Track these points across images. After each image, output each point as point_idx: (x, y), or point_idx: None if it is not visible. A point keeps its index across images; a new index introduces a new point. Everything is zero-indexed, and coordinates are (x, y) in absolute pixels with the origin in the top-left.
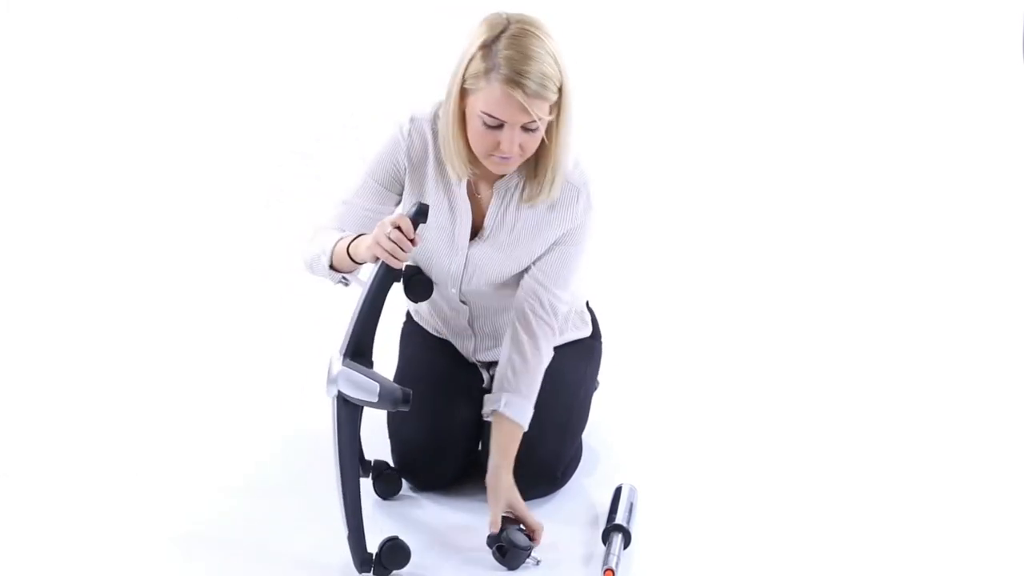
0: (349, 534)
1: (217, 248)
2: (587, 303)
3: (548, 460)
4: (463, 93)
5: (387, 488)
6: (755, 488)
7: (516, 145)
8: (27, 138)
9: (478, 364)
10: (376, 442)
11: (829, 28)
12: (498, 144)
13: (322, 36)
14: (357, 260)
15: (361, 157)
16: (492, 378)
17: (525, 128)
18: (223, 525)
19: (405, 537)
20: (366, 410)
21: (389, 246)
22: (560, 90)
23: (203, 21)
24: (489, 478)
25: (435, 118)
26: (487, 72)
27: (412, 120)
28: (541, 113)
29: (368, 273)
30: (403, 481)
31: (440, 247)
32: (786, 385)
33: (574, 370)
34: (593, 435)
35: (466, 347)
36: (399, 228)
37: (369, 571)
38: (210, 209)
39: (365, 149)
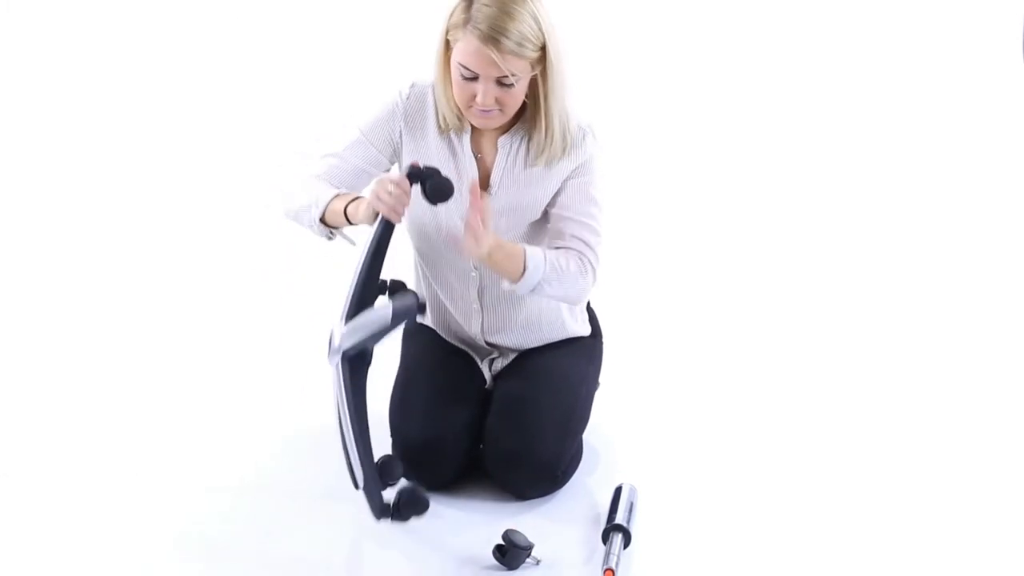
0: (365, 484)
1: (217, 248)
2: (588, 303)
3: (548, 459)
4: (447, 45)
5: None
6: (755, 488)
7: (491, 98)
8: (27, 138)
9: (479, 362)
10: (374, 440)
11: (829, 28)
12: (474, 96)
13: (323, 37)
14: (353, 221)
15: (355, 120)
16: (494, 377)
17: (500, 83)
18: (222, 526)
19: (405, 536)
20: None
21: (390, 200)
22: (543, 49)
23: (204, 22)
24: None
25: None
26: (464, 24)
27: (413, 86)
28: (514, 69)
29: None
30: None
31: (449, 205)
32: (786, 385)
33: (575, 370)
34: (594, 435)
35: (473, 326)
36: (397, 185)
37: (388, 518)
38: (210, 210)
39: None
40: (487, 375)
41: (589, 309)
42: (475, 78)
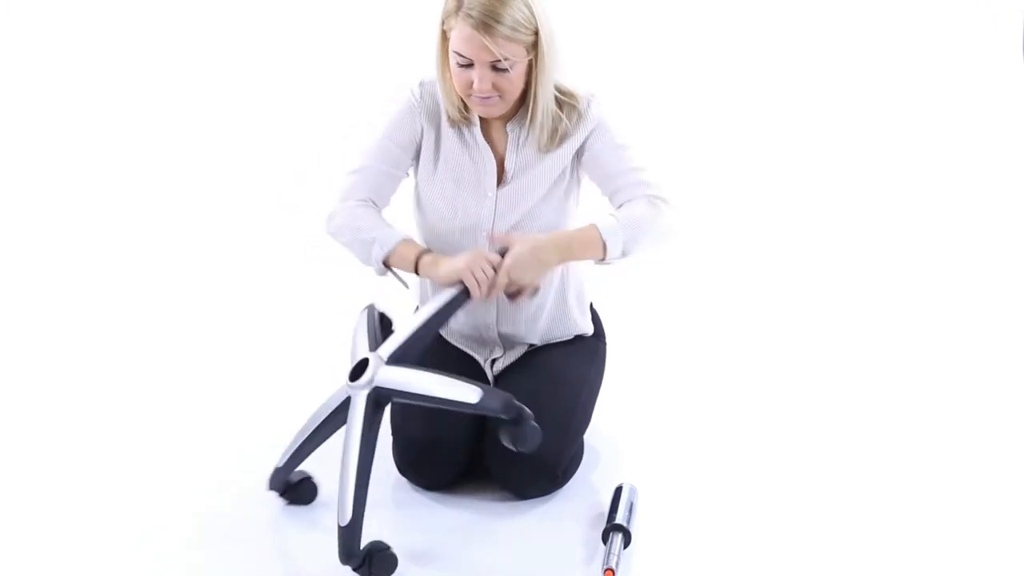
0: (348, 526)
1: (218, 249)
2: (591, 304)
3: (549, 459)
4: (444, 36)
5: (297, 497)
6: (755, 488)
7: (488, 84)
8: (28, 138)
9: (481, 363)
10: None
11: (830, 28)
12: (472, 83)
13: (325, 39)
14: (425, 276)
15: (369, 124)
16: (496, 377)
17: (495, 68)
18: (223, 526)
19: (405, 536)
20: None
21: (484, 280)
22: (536, 34)
23: (208, 25)
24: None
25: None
26: (457, 11)
27: (422, 84)
28: (508, 53)
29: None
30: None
31: (466, 195)
32: (787, 386)
33: (577, 370)
34: (594, 435)
35: (489, 315)
36: (493, 267)
37: (354, 567)
38: (211, 211)
39: (373, 117)
40: (489, 375)
41: (592, 310)
42: (470, 65)
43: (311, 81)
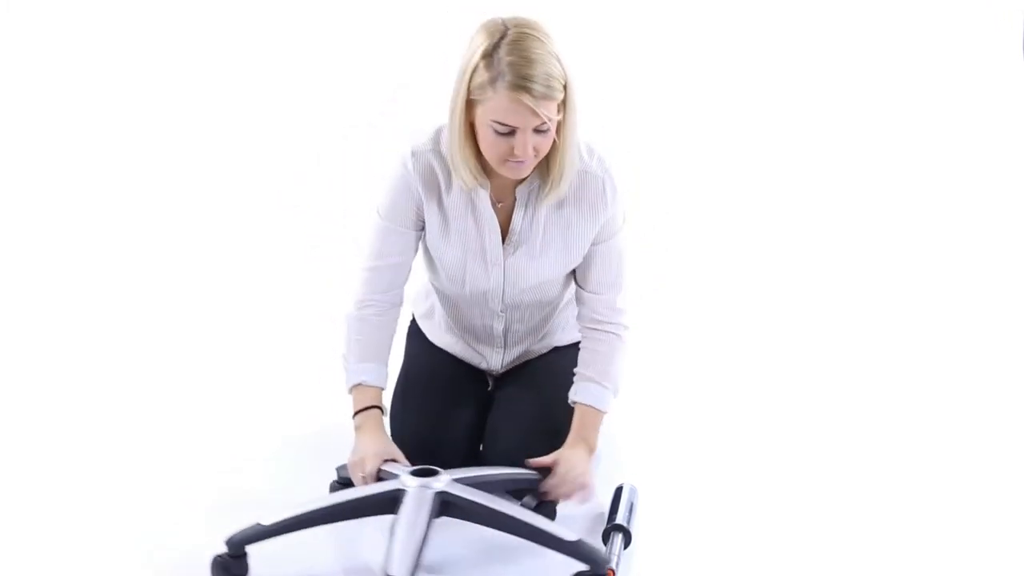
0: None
1: (218, 249)
2: None
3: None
4: (469, 105)
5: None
6: (755, 488)
7: (530, 148)
8: (27, 138)
9: (483, 366)
10: None
11: (830, 28)
12: (512, 150)
13: (325, 39)
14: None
15: (375, 209)
16: (496, 380)
17: (536, 130)
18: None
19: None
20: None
21: (358, 480)
22: (565, 88)
23: (208, 25)
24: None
25: (436, 141)
26: (492, 81)
27: (413, 154)
28: (550, 114)
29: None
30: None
31: (474, 264)
32: (787, 385)
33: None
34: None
35: (493, 359)
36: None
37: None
38: (211, 211)
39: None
40: (488, 378)
41: None
42: (511, 132)
43: (311, 81)
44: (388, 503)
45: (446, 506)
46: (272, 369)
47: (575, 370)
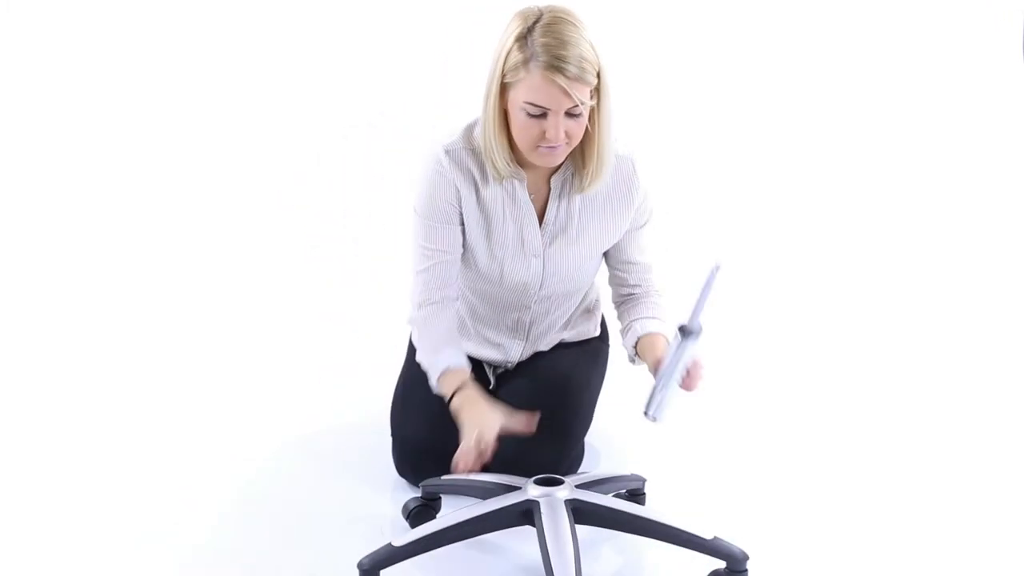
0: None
1: (218, 249)
2: (599, 303)
3: (549, 463)
4: (503, 89)
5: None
6: (757, 488)
7: (561, 132)
8: (27, 138)
9: (485, 365)
10: (376, 440)
11: (830, 28)
12: (543, 134)
13: (325, 39)
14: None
15: (413, 209)
16: (497, 379)
17: (569, 114)
18: (221, 529)
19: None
20: (359, 400)
21: (467, 463)
22: (599, 75)
23: (207, 25)
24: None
25: (468, 139)
26: (526, 62)
27: (447, 152)
28: (583, 97)
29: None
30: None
31: (514, 257)
32: (789, 385)
33: (579, 372)
34: (595, 433)
35: (513, 351)
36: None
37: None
38: (211, 210)
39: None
40: (490, 376)
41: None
42: (543, 114)
43: (311, 81)
44: (518, 516)
45: (577, 513)
46: (272, 369)
47: (624, 325)
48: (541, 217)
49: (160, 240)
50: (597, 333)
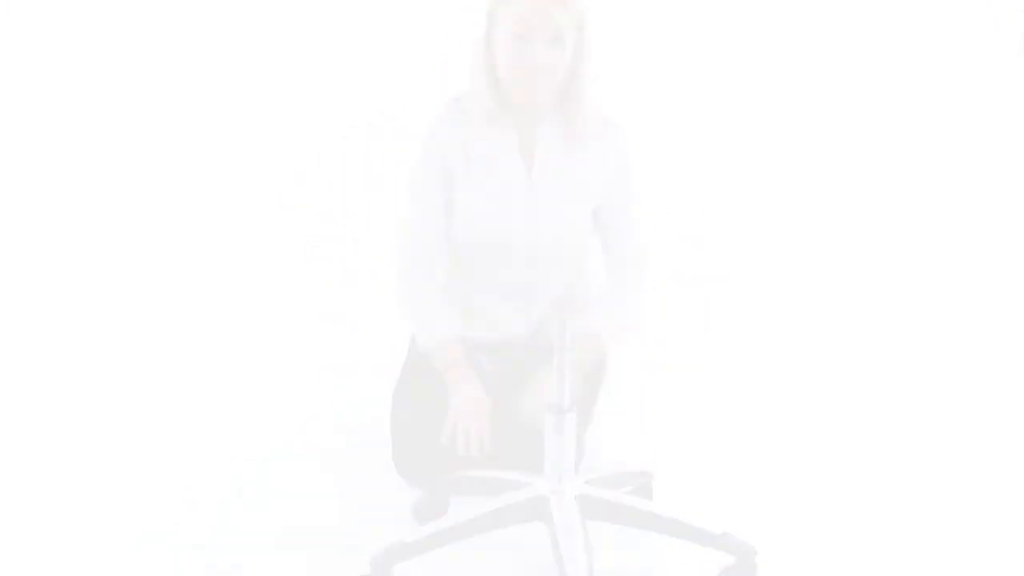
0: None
1: (218, 248)
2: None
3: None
4: (491, 21)
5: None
6: (759, 486)
7: (544, 58)
8: (27, 138)
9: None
10: (376, 440)
11: (830, 28)
12: (527, 60)
13: (324, 39)
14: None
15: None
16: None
17: (553, 40)
18: (221, 529)
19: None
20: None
21: (462, 440)
22: (581, 15)
23: (207, 24)
24: None
25: (457, 101)
26: None
27: (438, 116)
28: (564, 22)
29: None
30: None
31: (500, 206)
32: (790, 384)
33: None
34: (598, 429)
35: (516, 323)
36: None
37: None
38: (211, 210)
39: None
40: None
41: None
42: (528, 41)
43: (311, 81)
44: (529, 511)
45: (587, 509)
46: (272, 369)
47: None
48: (530, 169)
49: (160, 240)
50: None
